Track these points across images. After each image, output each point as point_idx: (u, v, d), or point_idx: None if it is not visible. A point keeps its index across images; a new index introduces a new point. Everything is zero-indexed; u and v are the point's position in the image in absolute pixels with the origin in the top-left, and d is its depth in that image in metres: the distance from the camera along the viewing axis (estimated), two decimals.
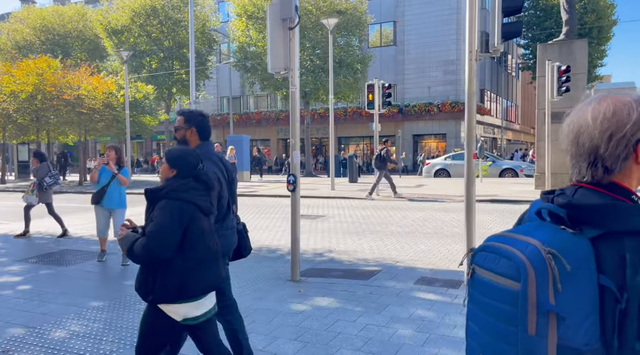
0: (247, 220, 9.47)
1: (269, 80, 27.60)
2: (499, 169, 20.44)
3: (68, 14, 33.65)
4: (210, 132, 2.79)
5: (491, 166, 20.66)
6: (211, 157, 2.63)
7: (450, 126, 33.64)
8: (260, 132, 40.04)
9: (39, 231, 8.53)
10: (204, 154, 2.56)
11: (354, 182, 18.80)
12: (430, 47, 34.12)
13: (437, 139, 35.04)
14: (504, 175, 20.17)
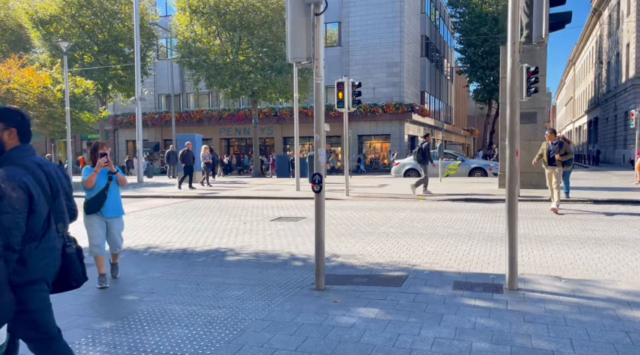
0: (221, 224, 8.90)
1: (215, 78, 26.66)
2: (468, 168, 20.96)
3: None
4: (30, 133, 2.43)
5: (460, 165, 21.15)
6: (23, 162, 2.28)
7: (394, 127, 34.32)
8: (202, 131, 38.60)
9: None
10: (19, 158, 2.26)
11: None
12: (374, 49, 34.62)
13: (381, 139, 35.64)
14: (473, 175, 20.69)
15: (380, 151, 36.17)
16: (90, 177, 4.85)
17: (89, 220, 5.02)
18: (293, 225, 8.63)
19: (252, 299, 4.37)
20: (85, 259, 5.07)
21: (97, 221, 5.03)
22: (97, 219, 5.02)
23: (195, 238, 7.72)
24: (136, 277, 5.34)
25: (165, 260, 6.18)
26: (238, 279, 5.12)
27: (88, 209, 4.98)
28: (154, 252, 6.76)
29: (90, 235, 5.04)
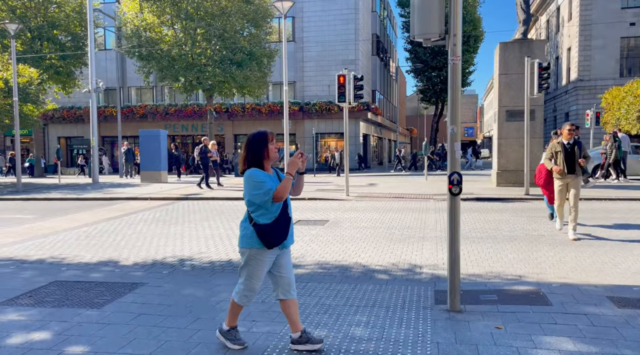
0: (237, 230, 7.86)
1: (168, 70, 24.87)
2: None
3: None
4: None
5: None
6: None
7: (350, 125, 34.12)
8: (145, 127, 36.13)
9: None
10: None
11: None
12: (330, 45, 34.23)
13: (337, 137, 35.30)
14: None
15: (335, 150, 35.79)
16: (286, 184, 3.01)
17: (262, 257, 3.14)
18: (325, 230, 7.88)
19: (390, 327, 3.65)
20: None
21: (271, 258, 3.20)
22: (274, 253, 3.20)
23: (225, 246, 6.75)
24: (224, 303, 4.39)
25: (224, 276, 5.22)
26: (339, 299, 4.35)
27: (271, 239, 3.08)
28: (197, 265, 5.74)
29: (255, 278, 3.20)
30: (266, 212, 3.08)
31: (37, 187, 16.27)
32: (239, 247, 3.22)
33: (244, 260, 3.20)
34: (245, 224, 3.18)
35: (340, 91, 12.08)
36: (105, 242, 7.33)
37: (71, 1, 26.93)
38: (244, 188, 3.12)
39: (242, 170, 3.15)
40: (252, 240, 3.12)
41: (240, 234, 3.21)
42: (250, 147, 3.13)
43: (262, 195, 3.01)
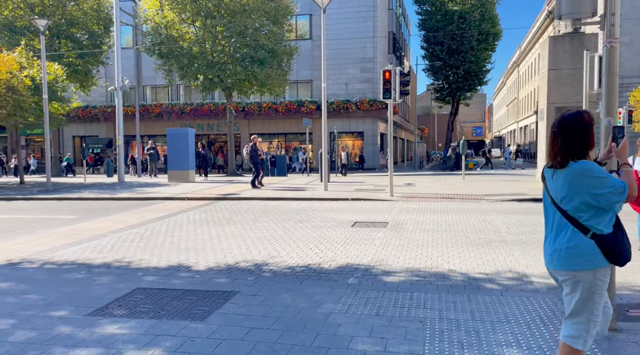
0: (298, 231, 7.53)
1: (189, 68, 24.54)
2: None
3: None
4: None
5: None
6: None
7: (368, 124, 33.74)
8: (160, 126, 35.92)
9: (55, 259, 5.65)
10: None
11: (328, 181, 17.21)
12: (347, 43, 33.85)
13: (354, 137, 34.90)
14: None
15: (352, 149, 35.40)
16: (632, 178, 2.39)
17: (605, 279, 2.40)
18: (391, 233, 7.52)
19: (549, 350, 3.28)
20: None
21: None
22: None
23: (293, 249, 6.39)
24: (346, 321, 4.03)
25: (315, 284, 4.86)
26: (462, 313, 3.98)
27: (623, 253, 2.37)
28: (277, 271, 5.39)
29: (598, 309, 2.42)
30: (609, 217, 2.35)
31: (66, 187, 15.98)
32: (568, 270, 2.36)
33: (584, 289, 2.35)
34: (576, 236, 2.35)
35: (385, 87, 11.69)
36: (163, 245, 6.99)
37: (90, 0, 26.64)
38: (569, 187, 2.35)
39: (559, 163, 2.38)
40: (596, 258, 2.32)
41: (568, 251, 2.36)
42: (574, 131, 2.36)
43: (616, 194, 2.28)
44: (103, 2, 27.13)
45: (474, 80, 39.54)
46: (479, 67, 38.59)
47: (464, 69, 37.72)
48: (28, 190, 14.94)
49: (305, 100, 33.47)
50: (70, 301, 4.44)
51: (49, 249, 6.84)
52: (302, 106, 33.34)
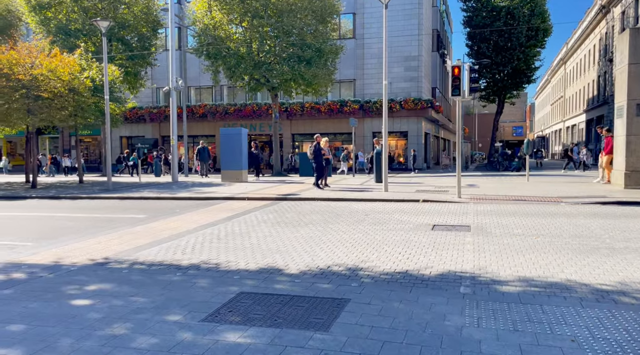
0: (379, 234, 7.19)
1: (236, 68, 24.62)
2: None
3: None
4: None
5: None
6: None
7: (412, 124, 33.11)
8: (204, 127, 36.43)
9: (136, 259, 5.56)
10: None
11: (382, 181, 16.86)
12: (391, 41, 33.33)
13: (397, 137, 34.34)
14: None
15: (395, 149, 34.84)
16: None
17: None
18: (479, 238, 7.13)
19: None
20: None
21: None
22: None
23: (382, 254, 6.09)
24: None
25: (426, 293, 4.55)
26: (623, 332, 3.58)
27: None
28: (375, 276, 5.10)
29: None
30: None
31: (124, 186, 16.22)
32: None
33: None
34: None
35: (454, 84, 11.25)
36: (244, 246, 6.83)
37: (140, 2, 27.16)
38: None
39: None
40: None
41: None
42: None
43: None
44: (152, 5, 27.64)
45: (521, 78, 38.27)
46: (527, 64, 37.33)
47: (511, 66, 36.55)
48: (90, 190, 15.24)
49: (348, 99, 33.16)
50: (179, 305, 4.29)
51: (131, 249, 6.79)
52: (345, 106, 33.06)
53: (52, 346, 3.44)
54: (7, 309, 4.22)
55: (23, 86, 14.55)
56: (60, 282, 5.03)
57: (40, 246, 7.08)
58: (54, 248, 6.91)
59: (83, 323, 3.87)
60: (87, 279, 5.17)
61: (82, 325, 3.82)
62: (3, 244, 7.23)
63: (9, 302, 4.40)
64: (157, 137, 38.06)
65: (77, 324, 3.85)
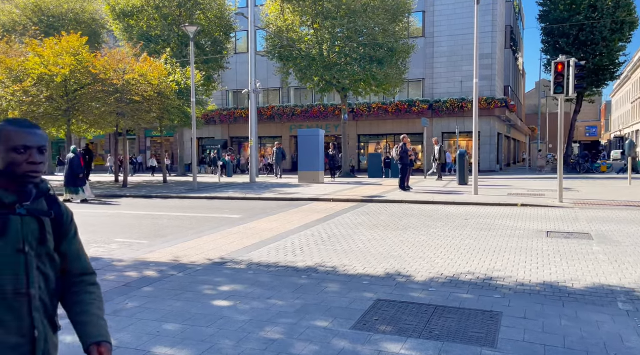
0: (496, 241, 6.77)
1: (308, 70, 24.73)
2: None
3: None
4: None
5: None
6: None
7: (485, 124, 31.86)
8: (271, 128, 36.94)
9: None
10: None
11: (465, 184, 16.32)
12: (462, 39, 32.31)
13: (469, 137, 33.16)
14: None
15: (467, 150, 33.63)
16: None
17: None
18: (609, 248, 6.58)
19: None
20: None
21: None
22: None
23: (515, 265, 5.73)
24: None
25: (577, 307, 4.17)
26: None
27: None
28: (512, 287, 4.77)
29: None
30: None
31: (208, 186, 16.70)
32: None
33: None
34: None
35: (557, 81, 10.58)
36: (352, 250, 6.69)
37: (214, 7, 27.99)
38: None
39: None
40: None
41: None
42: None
43: None
44: (224, 10, 28.42)
45: (604, 75, 35.82)
46: (610, 60, 34.88)
47: (593, 62, 34.29)
48: (176, 189, 15.81)
49: (416, 99, 32.45)
50: (319, 310, 4.19)
51: (241, 249, 6.85)
52: (413, 106, 32.37)
53: (215, 348, 3.43)
54: (156, 307, 4.30)
55: (116, 90, 15.32)
56: (193, 282, 5.10)
57: (155, 244, 7.31)
58: (168, 246, 7.10)
59: (234, 325, 3.86)
60: (218, 279, 5.21)
61: (234, 327, 3.80)
62: (121, 242, 7.53)
63: (154, 301, 4.49)
64: (226, 139, 39.08)
65: (230, 326, 3.84)
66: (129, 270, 5.62)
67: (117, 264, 5.94)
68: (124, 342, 3.56)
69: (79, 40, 15.95)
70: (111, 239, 7.76)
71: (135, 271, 5.56)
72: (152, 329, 3.80)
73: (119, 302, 4.46)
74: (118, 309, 4.27)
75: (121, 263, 5.98)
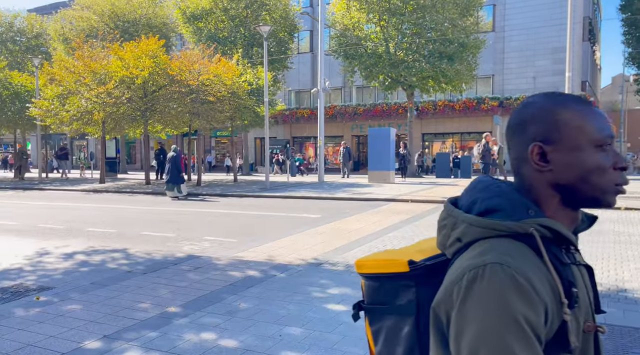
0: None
1: (374, 67, 24.29)
2: None
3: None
4: None
5: None
6: None
7: None
8: (332, 128, 36.77)
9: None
10: None
11: None
12: (535, 33, 30.63)
13: None
14: None
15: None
16: None
17: None
18: None
19: None
20: None
21: None
22: None
23: None
24: None
25: None
26: None
27: None
28: None
29: None
30: None
31: (278, 186, 16.73)
32: None
33: None
34: None
35: None
36: None
37: (279, 7, 28.22)
38: None
39: None
40: None
41: None
42: None
43: None
44: (289, 10, 28.60)
45: None
46: None
47: None
48: (248, 188, 15.95)
49: (485, 96, 31.14)
50: None
51: (333, 250, 6.63)
52: (482, 103, 31.08)
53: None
54: (269, 309, 4.14)
55: (191, 91, 15.67)
56: (297, 283, 4.92)
57: (244, 243, 7.25)
58: (258, 245, 7.01)
59: (357, 332, 3.61)
60: (322, 281, 5.00)
61: (358, 334, 3.55)
62: (212, 240, 7.55)
63: (266, 302, 4.34)
64: (288, 139, 39.40)
65: (353, 332, 3.59)
66: (230, 269, 5.54)
67: (217, 262, 5.89)
68: (250, 345, 3.40)
69: (156, 43, 16.46)
70: (201, 237, 7.80)
71: (237, 270, 5.47)
72: (274, 332, 3.63)
73: (230, 302, 4.35)
74: (232, 310, 4.15)
75: (220, 261, 5.92)
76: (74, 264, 5.74)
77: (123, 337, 3.56)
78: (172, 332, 3.64)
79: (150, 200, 13.51)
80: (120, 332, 3.67)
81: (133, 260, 5.97)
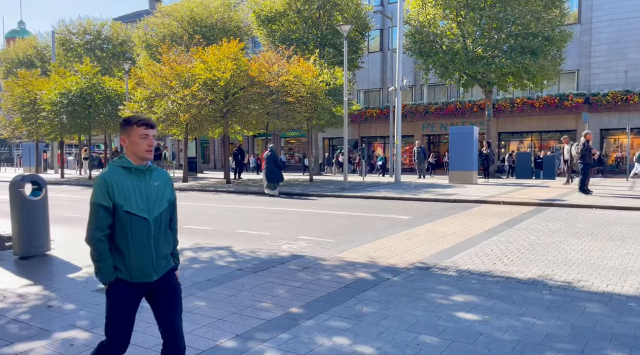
0: None
1: (451, 65, 23.44)
2: None
3: (214, 4, 31.86)
4: None
5: None
6: None
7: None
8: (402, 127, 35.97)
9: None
10: None
11: None
12: (627, 23, 28.28)
13: (634, 134, 28.94)
14: None
15: (631, 149, 29.42)
16: None
17: None
18: None
19: None
20: None
21: None
22: None
23: None
24: None
25: None
26: None
27: None
28: None
29: None
30: None
31: (355, 186, 16.56)
32: None
33: None
34: None
35: None
36: (571, 261, 5.79)
37: (351, 7, 28.06)
38: None
39: None
40: None
41: None
42: None
43: None
44: (360, 10, 28.36)
45: None
46: None
47: None
48: (326, 188, 15.91)
49: (569, 93, 29.18)
50: (599, 336, 3.46)
51: (437, 254, 6.32)
52: (565, 100, 29.16)
53: None
54: (396, 315, 3.95)
55: (271, 92, 15.87)
56: (415, 288, 4.69)
57: (341, 243, 7.12)
58: (356, 246, 6.85)
59: (503, 345, 3.32)
60: (441, 287, 4.73)
61: (506, 349, 3.26)
62: (307, 239, 7.49)
63: (389, 307, 4.15)
64: (356, 139, 39.18)
65: (498, 346, 3.30)
66: (338, 270, 5.40)
67: (323, 262, 5.78)
68: (388, 353, 3.22)
69: (237, 46, 16.83)
70: (295, 236, 7.77)
71: (346, 272, 5.32)
72: (409, 340, 3.42)
73: (351, 305, 4.20)
74: (356, 314, 3.99)
75: (326, 262, 5.81)
76: (185, 260, 5.86)
77: (255, 337, 3.50)
78: (303, 335, 3.54)
79: (234, 199, 13.81)
80: (250, 331, 3.62)
81: (240, 258, 6.00)
